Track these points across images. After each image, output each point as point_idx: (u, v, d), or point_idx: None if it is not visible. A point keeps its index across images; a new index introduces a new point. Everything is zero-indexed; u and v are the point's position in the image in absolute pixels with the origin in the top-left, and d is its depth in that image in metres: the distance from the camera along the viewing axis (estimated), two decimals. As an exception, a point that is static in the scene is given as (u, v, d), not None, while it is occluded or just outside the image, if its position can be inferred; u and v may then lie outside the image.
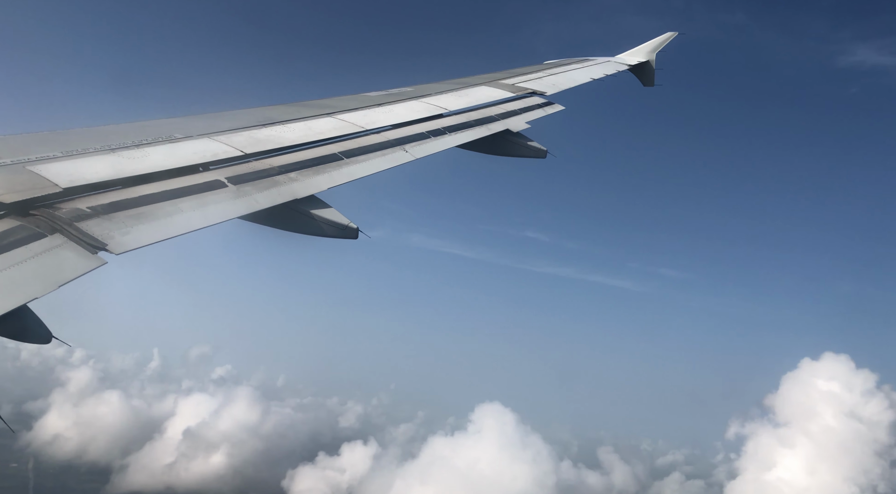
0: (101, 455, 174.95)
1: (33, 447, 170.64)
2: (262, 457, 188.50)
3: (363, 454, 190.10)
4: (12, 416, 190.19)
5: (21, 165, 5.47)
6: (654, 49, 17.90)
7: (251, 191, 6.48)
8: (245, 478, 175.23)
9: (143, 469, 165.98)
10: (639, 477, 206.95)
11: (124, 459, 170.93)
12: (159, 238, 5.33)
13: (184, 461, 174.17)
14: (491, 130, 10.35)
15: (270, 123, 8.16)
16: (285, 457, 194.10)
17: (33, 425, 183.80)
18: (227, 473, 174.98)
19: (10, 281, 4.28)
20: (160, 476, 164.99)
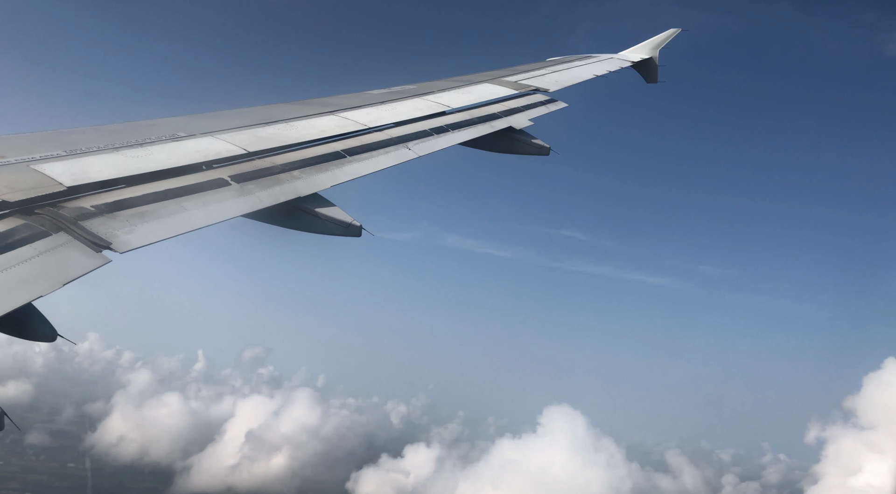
0: (162, 457, 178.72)
1: (98, 448, 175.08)
2: (321, 459, 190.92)
3: (426, 456, 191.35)
4: (74, 418, 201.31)
5: (25, 164, 5.49)
6: (658, 46, 17.85)
7: (254, 189, 6.50)
8: (304, 480, 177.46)
9: (205, 471, 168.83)
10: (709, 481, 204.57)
11: (186, 460, 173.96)
12: (163, 236, 5.35)
13: (245, 462, 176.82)
14: (494, 128, 10.34)
15: (273, 122, 8.17)
16: (344, 459, 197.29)
17: (97, 426, 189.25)
18: (287, 474, 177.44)
19: (15, 279, 4.30)
20: (222, 478, 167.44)
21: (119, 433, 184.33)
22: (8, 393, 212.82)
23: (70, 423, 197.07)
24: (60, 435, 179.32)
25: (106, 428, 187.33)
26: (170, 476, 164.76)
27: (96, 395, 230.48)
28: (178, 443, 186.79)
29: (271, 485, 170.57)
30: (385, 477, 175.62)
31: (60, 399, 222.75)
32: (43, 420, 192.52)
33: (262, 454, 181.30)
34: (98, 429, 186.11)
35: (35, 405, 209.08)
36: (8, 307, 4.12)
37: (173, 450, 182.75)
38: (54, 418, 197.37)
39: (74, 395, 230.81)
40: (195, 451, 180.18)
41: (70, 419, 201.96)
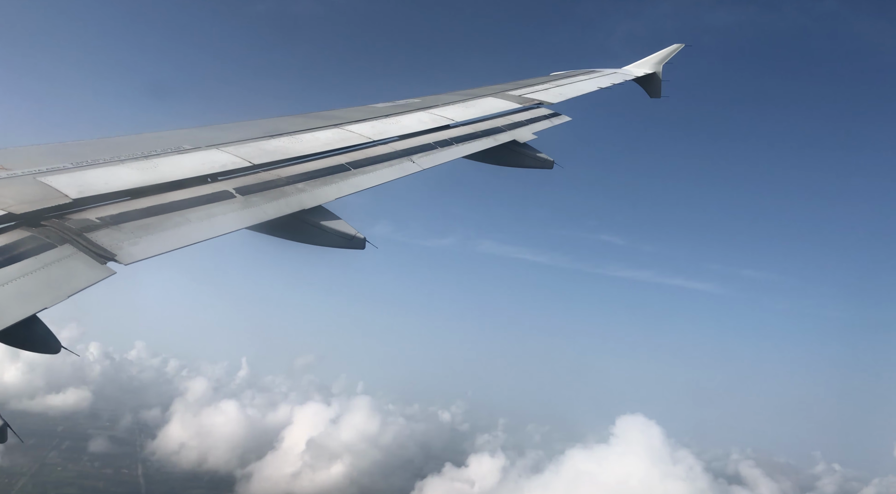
0: (221, 464, 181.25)
1: (158, 455, 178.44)
2: (379, 467, 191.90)
3: (491, 465, 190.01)
4: (132, 425, 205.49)
5: (32, 176, 5.52)
6: (661, 61, 17.92)
7: (259, 201, 6.51)
8: (362, 488, 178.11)
9: (265, 478, 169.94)
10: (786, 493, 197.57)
11: (245, 468, 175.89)
12: (168, 248, 5.36)
13: (305, 470, 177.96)
14: (498, 141, 10.37)
15: (278, 134, 8.20)
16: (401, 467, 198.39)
17: (157, 434, 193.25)
18: (345, 482, 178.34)
19: (20, 291, 4.31)
20: (281, 485, 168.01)
21: (178, 440, 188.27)
22: (69, 401, 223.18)
23: (127, 431, 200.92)
24: (120, 442, 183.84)
25: (165, 436, 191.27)
26: (230, 484, 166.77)
27: (150, 402, 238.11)
28: (236, 451, 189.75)
29: (330, 493, 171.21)
30: (449, 487, 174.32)
31: (117, 406, 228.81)
32: (103, 426, 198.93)
33: (322, 461, 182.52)
34: (157, 436, 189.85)
35: (94, 412, 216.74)
36: (13, 319, 4.13)
37: (231, 458, 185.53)
38: (114, 425, 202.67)
39: (129, 402, 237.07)
40: (253, 458, 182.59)
41: (128, 426, 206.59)
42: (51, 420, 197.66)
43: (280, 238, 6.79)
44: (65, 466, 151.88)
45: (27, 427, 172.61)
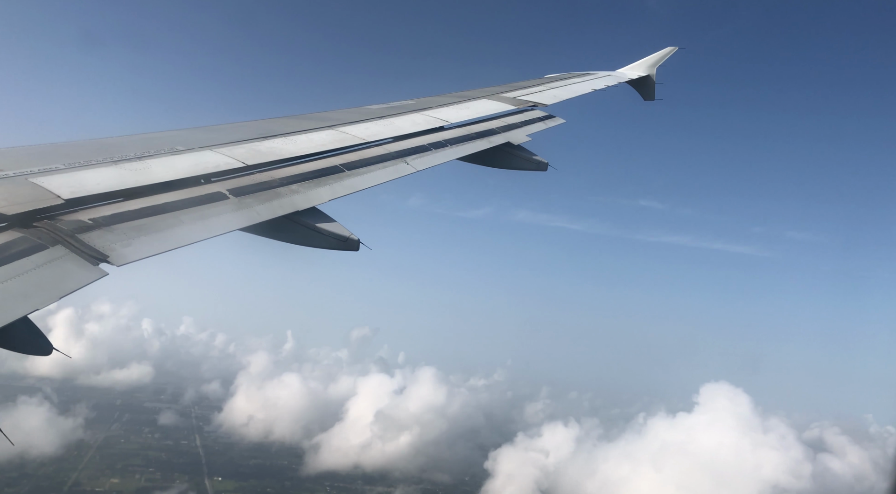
0: (286, 435, 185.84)
1: (225, 427, 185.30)
2: (446, 437, 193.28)
3: (565, 435, 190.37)
4: (192, 398, 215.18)
5: (24, 177, 5.49)
6: (655, 63, 17.99)
7: (252, 202, 6.50)
8: (428, 458, 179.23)
9: (334, 450, 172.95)
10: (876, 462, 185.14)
11: (312, 439, 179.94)
12: (161, 250, 5.34)
13: (373, 441, 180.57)
14: (492, 143, 10.38)
15: (272, 136, 8.19)
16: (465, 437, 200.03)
17: (223, 406, 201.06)
18: (411, 453, 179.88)
19: (11, 292, 4.29)
20: (349, 456, 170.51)
21: (245, 412, 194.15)
22: (132, 376, 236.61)
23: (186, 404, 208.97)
24: (179, 415, 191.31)
25: (231, 408, 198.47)
26: (298, 455, 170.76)
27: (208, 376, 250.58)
28: (300, 422, 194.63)
29: (397, 463, 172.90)
30: (524, 456, 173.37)
31: (176, 380, 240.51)
32: (162, 400, 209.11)
33: (390, 432, 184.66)
34: (224, 410, 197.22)
35: (154, 386, 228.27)
36: (4, 320, 4.10)
37: (296, 429, 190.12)
38: (174, 398, 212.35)
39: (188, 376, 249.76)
40: (318, 430, 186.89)
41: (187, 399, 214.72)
42: (114, 394, 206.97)
43: (274, 239, 6.77)
44: (127, 438, 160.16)
45: (93, 401, 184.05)
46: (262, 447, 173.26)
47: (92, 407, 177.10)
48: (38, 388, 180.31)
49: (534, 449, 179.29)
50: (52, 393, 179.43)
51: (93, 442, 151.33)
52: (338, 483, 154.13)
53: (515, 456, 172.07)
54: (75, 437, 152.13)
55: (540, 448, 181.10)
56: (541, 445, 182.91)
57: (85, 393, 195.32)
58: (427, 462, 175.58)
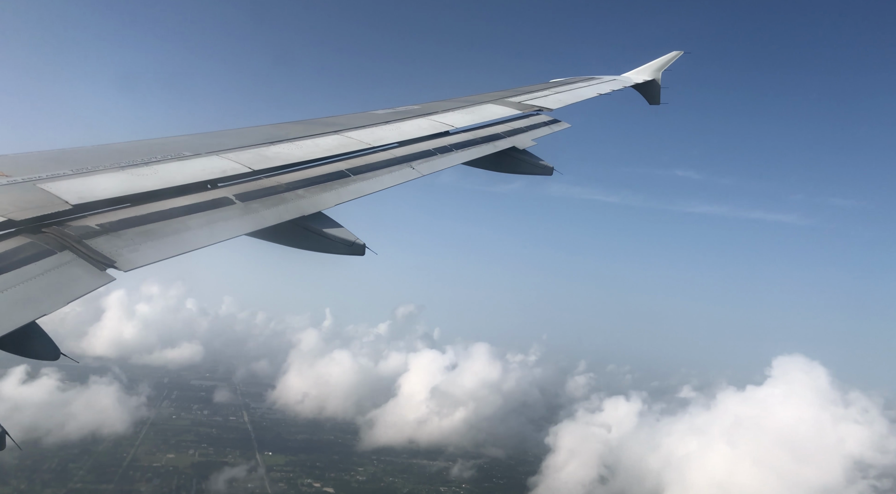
0: (339, 412, 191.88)
1: (279, 404, 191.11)
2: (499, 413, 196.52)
3: (627, 409, 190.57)
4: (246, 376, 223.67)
5: (32, 183, 5.52)
6: (661, 68, 17.97)
7: (259, 207, 6.52)
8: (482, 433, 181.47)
9: (389, 425, 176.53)
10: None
11: (365, 415, 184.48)
12: (167, 255, 5.35)
13: (428, 416, 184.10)
14: (497, 148, 10.37)
15: (278, 141, 8.21)
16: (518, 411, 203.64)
17: (275, 384, 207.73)
18: (464, 428, 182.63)
19: (20, 297, 4.31)
20: (405, 432, 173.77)
21: (297, 389, 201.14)
22: (183, 355, 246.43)
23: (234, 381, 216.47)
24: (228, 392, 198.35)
25: (284, 385, 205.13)
26: (353, 430, 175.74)
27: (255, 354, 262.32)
28: (351, 398, 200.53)
29: (451, 439, 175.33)
30: (586, 431, 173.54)
31: (225, 358, 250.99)
32: (209, 377, 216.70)
33: (446, 408, 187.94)
34: (276, 387, 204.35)
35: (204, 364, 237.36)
36: (12, 325, 4.12)
37: (347, 405, 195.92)
38: (224, 376, 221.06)
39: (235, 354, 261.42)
40: (369, 406, 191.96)
41: (236, 376, 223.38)
42: (166, 373, 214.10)
43: (280, 244, 6.79)
44: (178, 415, 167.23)
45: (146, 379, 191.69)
46: (315, 423, 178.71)
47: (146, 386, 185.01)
48: (108, 368, 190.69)
49: (595, 424, 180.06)
50: (120, 372, 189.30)
51: (146, 420, 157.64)
52: (387, 458, 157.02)
53: (576, 431, 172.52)
54: (139, 415, 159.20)
55: (601, 422, 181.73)
56: (602, 419, 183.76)
57: (139, 372, 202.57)
58: (481, 437, 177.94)
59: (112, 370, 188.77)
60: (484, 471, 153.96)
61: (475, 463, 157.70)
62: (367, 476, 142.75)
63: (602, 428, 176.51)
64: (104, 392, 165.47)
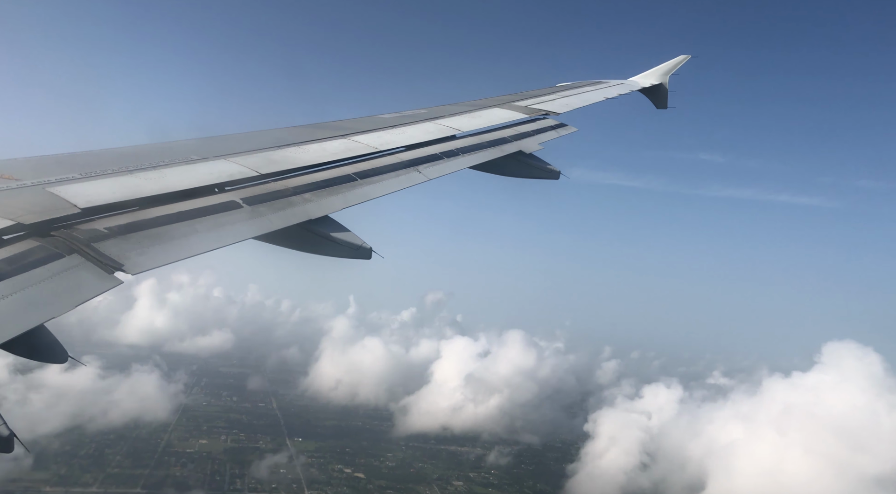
0: (371, 398, 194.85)
1: (311, 391, 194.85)
2: (533, 399, 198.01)
3: (668, 396, 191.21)
4: (277, 364, 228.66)
5: (41, 186, 5.55)
6: (668, 72, 17.94)
7: (266, 211, 6.53)
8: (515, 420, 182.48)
9: (424, 412, 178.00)
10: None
11: (399, 402, 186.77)
12: (175, 258, 5.37)
13: (465, 404, 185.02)
14: (504, 152, 10.38)
15: (285, 145, 8.24)
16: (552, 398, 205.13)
17: (308, 371, 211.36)
18: (498, 415, 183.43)
19: (28, 300, 4.33)
20: (439, 419, 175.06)
21: (329, 376, 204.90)
22: (214, 343, 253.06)
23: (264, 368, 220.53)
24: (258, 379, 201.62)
25: (317, 372, 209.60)
26: (386, 417, 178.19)
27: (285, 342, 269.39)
28: (383, 385, 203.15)
29: (484, 425, 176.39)
30: (625, 418, 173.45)
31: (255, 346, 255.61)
32: (237, 364, 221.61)
33: (481, 395, 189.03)
34: (309, 373, 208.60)
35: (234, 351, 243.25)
36: (21, 328, 4.14)
37: (379, 392, 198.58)
38: (254, 363, 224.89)
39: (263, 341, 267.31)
40: (401, 392, 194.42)
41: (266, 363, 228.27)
42: (195, 360, 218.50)
43: (287, 248, 6.80)
44: (209, 401, 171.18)
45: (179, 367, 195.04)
46: (345, 409, 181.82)
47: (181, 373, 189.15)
48: (149, 357, 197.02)
49: (635, 411, 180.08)
50: (161, 360, 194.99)
51: (178, 407, 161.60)
52: (417, 444, 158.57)
53: (616, 418, 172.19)
54: (175, 402, 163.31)
55: (641, 409, 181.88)
56: (642, 406, 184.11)
57: (171, 360, 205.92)
58: (515, 424, 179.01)
59: (153, 358, 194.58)
60: (518, 458, 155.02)
61: (510, 450, 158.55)
62: (396, 461, 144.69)
63: (642, 415, 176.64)
64: (144, 380, 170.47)
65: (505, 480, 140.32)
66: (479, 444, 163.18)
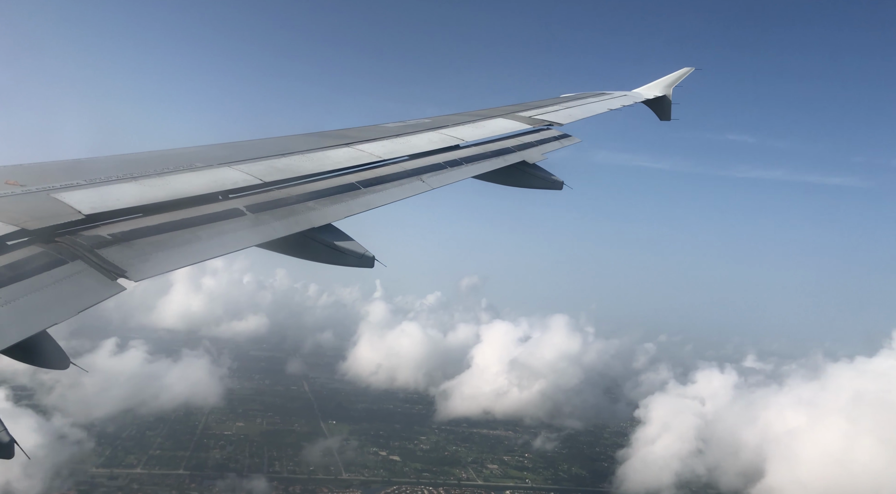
0: (410, 382, 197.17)
1: (350, 375, 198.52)
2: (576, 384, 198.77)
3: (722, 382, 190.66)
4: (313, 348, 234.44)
5: (46, 193, 5.56)
6: (672, 84, 17.98)
7: (269, 219, 6.54)
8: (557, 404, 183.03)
9: (466, 397, 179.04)
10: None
11: (439, 386, 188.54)
12: (178, 265, 5.37)
13: (510, 388, 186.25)
14: (507, 162, 10.39)
15: (289, 153, 8.25)
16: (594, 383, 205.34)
17: (346, 355, 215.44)
18: (540, 399, 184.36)
19: (31, 306, 4.33)
20: (480, 403, 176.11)
21: (367, 359, 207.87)
22: (250, 327, 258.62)
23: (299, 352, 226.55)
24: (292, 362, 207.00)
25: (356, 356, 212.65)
26: (427, 401, 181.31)
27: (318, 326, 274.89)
28: (421, 369, 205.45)
29: (526, 409, 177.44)
30: (678, 404, 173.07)
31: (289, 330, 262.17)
32: (287, 350, 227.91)
33: (524, 380, 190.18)
34: (347, 358, 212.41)
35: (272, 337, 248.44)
36: (24, 334, 4.15)
37: (418, 376, 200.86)
38: (290, 347, 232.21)
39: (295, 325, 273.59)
40: (440, 376, 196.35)
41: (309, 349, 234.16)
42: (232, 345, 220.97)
43: (290, 256, 6.80)
44: (242, 384, 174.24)
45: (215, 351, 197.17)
46: (381, 393, 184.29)
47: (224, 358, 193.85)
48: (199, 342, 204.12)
49: (687, 396, 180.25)
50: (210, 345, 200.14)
51: (225, 390, 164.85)
52: (449, 427, 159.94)
53: (668, 404, 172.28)
54: (224, 386, 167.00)
55: (694, 394, 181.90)
56: (695, 392, 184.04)
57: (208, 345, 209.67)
58: (557, 408, 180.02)
59: (202, 342, 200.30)
60: (558, 442, 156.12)
61: (551, 435, 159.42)
62: (430, 444, 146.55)
63: (695, 401, 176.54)
64: (192, 364, 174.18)
65: (540, 463, 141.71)
66: (520, 428, 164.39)
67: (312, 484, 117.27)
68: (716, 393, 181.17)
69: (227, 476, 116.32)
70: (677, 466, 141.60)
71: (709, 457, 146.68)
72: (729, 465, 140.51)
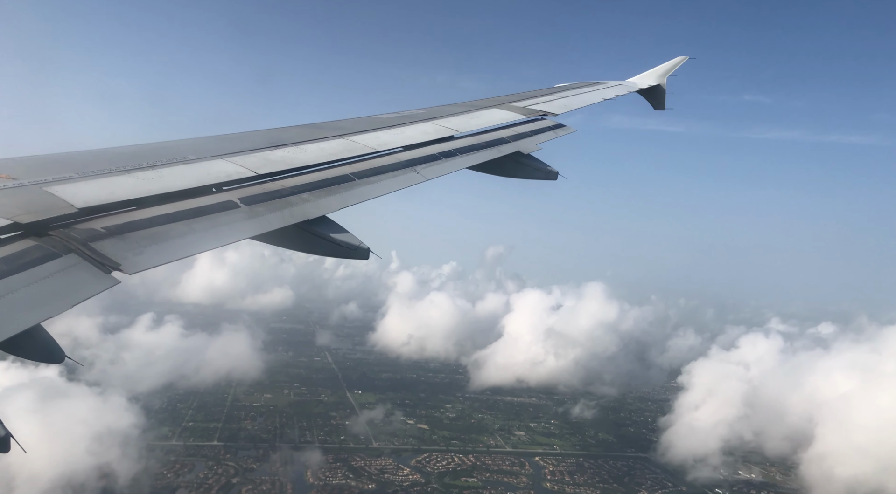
0: (440, 352, 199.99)
1: (380, 346, 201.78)
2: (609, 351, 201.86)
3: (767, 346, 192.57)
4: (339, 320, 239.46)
5: (38, 186, 5.55)
6: (666, 73, 17.97)
7: (263, 211, 6.53)
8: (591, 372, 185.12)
9: (499, 367, 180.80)
10: None
11: (471, 356, 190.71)
12: (172, 258, 5.37)
13: (543, 357, 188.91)
14: (502, 152, 10.38)
15: (283, 145, 8.23)
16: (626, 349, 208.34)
17: (376, 327, 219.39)
18: (574, 367, 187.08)
19: (25, 300, 4.33)
20: (515, 372, 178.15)
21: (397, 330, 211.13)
22: (275, 300, 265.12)
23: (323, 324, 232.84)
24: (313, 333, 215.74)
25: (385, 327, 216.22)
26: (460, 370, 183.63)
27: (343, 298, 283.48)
28: (451, 339, 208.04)
29: (559, 377, 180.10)
30: (721, 369, 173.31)
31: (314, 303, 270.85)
32: (316, 321, 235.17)
33: (560, 348, 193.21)
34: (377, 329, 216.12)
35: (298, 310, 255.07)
36: (18, 328, 4.14)
37: (447, 345, 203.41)
38: (316, 319, 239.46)
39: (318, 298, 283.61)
40: (470, 346, 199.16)
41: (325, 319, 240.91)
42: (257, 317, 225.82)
43: (284, 248, 6.80)
44: (266, 358, 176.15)
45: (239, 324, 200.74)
46: (419, 363, 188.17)
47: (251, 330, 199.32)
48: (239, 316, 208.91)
49: (731, 362, 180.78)
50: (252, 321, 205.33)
51: (265, 362, 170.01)
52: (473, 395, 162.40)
53: (712, 369, 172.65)
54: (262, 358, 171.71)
55: (738, 360, 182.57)
56: (738, 357, 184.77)
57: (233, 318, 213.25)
58: (588, 376, 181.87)
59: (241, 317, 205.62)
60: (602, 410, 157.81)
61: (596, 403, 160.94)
62: (456, 412, 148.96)
63: (739, 366, 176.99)
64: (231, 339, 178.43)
65: (566, 430, 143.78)
66: (559, 397, 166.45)
67: (344, 453, 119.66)
68: (761, 358, 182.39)
69: (261, 446, 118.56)
70: (724, 431, 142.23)
71: (755, 422, 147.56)
72: (776, 430, 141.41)
